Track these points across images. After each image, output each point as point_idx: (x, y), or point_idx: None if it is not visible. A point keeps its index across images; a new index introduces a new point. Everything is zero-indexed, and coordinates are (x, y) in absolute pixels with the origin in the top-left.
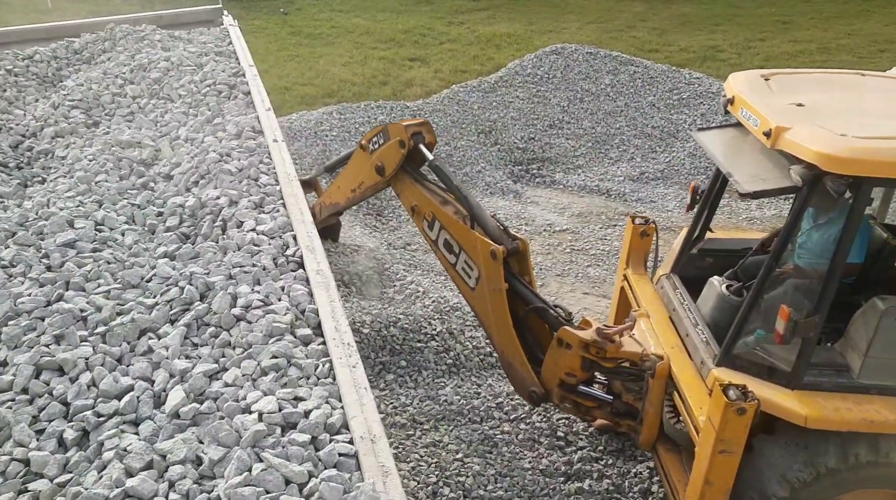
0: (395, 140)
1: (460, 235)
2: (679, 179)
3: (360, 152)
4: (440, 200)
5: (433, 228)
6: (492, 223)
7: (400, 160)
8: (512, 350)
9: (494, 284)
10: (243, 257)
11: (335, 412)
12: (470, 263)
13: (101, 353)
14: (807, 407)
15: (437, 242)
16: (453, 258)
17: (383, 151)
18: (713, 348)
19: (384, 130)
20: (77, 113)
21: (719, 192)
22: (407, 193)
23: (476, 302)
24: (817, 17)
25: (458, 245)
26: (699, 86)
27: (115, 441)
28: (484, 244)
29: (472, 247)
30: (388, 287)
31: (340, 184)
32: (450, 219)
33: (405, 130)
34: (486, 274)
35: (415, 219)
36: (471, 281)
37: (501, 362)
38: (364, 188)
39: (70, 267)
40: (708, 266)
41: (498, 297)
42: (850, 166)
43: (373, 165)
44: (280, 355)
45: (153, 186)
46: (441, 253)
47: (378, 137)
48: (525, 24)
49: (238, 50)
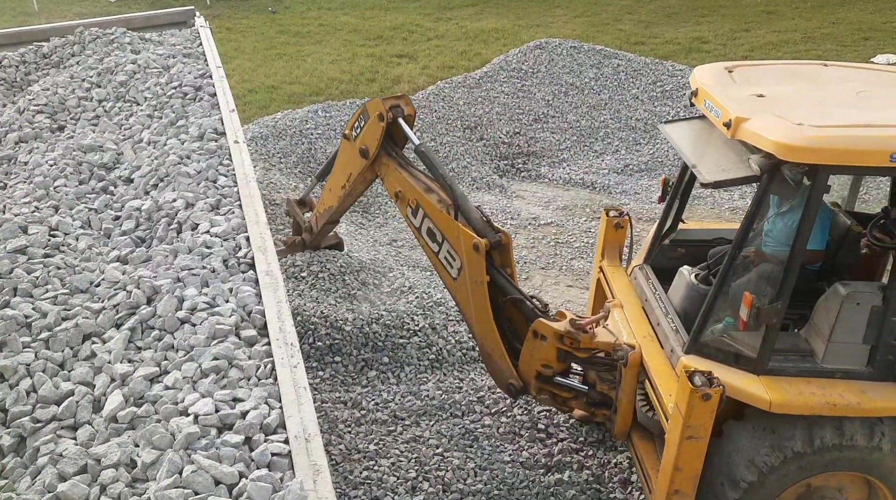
0: (374, 116)
1: (443, 225)
2: (663, 170)
3: (345, 143)
4: (424, 187)
5: (417, 216)
6: (476, 215)
7: (381, 135)
8: (492, 342)
9: (476, 276)
10: (193, 260)
11: (273, 413)
12: (452, 253)
13: (42, 359)
14: (771, 392)
15: (421, 229)
16: (436, 247)
17: (365, 131)
18: (682, 337)
19: (364, 111)
20: (42, 118)
21: (689, 183)
22: (391, 178)
23: (457, 292)
24: (802, 7)
25: (441, 234)
26: (682, 78)
27: (50, 447)
28: (467, 236)
29: (454, 238)
30: (373, 284)
31: (331, 185)
32: (433, 208)
33: (382, 103)
34: (468, 266)
35: (398, 205)
36: (453, 271)
37: (481, 354)
38: (353, 181)
39: (19, 273)
40: (680, 256)
41: (479, 289)
42: (806, 155)
43: (357, 150)
44: (221, 356)
45: (113, 189)
46: (424, 241)
47: (359, 121)
48: (513, 20)
49: (207, 51)
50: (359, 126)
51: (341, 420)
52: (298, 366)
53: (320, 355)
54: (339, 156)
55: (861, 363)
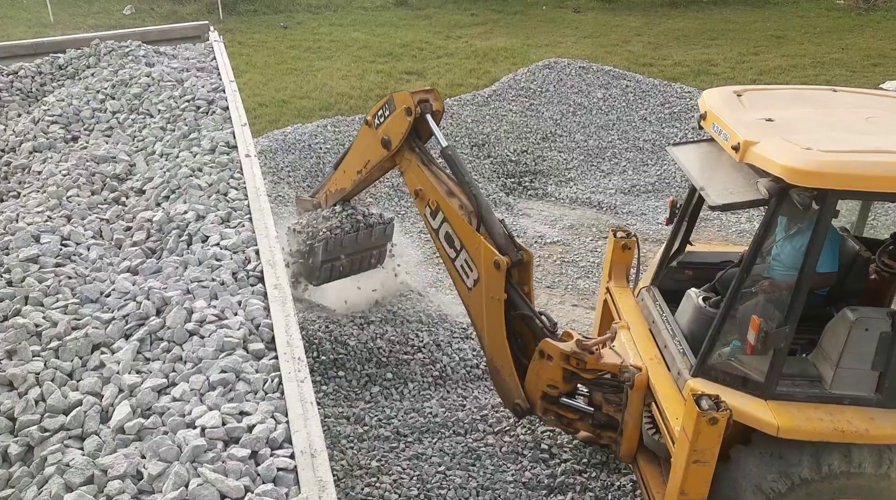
0: (400, 108)
1: (464, 235)
2: (670, 191)
3: (365, 129)
4: (446, 190)
5: (435, 218)
6: (499, 230)
7: (407, 129)
8: (502, 359)
9: (494, 293)
10: (202, 272)
11: (279, 427)
12: (470, 263)
13: (52, 368)
14: (779, 417)
15: (438, 232)
16: (453, 253)
17: (389, 122)
18: (689, 360)
19: (389, 101)
20: (56, 128)
21: (697, 205)
22: (412, 174)
23: (471, 303)
24: (811, 32)
25: (460, 242)
26: (690, 99)
27: (58, 456)
28: (488, 252)
29: (474, 249)
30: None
31: (346, 167)
32: (454, 214)
33: (411, 97)
34: (486, 281)
35: (417, 203)
36: (468, 281)
37: (489, 368)
38: (371, 168)
39: (31, 282)
40: (687, 279)
41: (495, 306)
42: (814, 179)
43: (378, 139)
44: (229, 369)
45: (125, 200)
46: (440, 244)
47: (383, 109)
48: (522, 39)
49: (220, 65)
50: (383, 115)
51: (344, 436)
52: (305, 381)
53: (324, 369)
54: (358, 141)
55: (870, 390)
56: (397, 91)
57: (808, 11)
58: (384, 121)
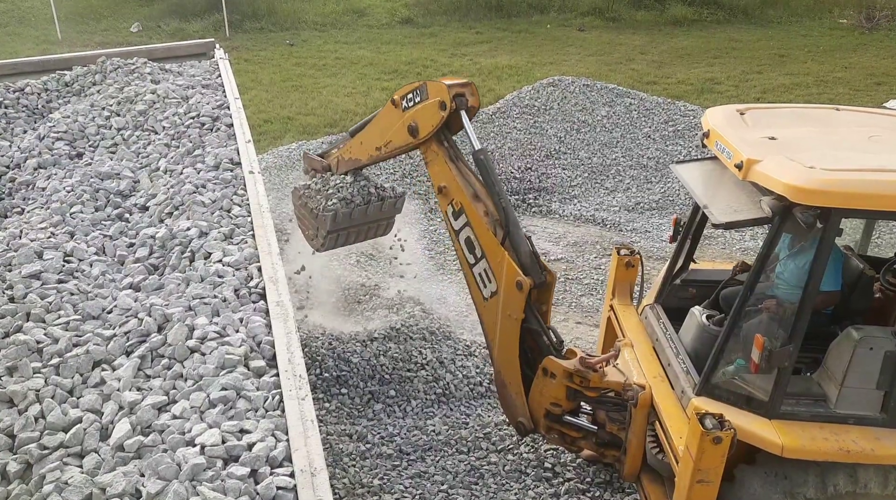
0: (434, 100)
1: (487, 245)
2: (674, 209)
3: (390, 108)
4: (472, 193)
5: (458, 219)
6: (525, 248)
7: (438, 123)
8: (511, 375)
9: (511, 311)
10: (204, 289)
11: (279, 445)
12: (490, 274)
13: (52, 385)
14: (784, 437)
15: (459, 234)
16: (472, 259)
17: (419, 110)
18: (693, 378)
19: (422, 88)
20: (61, 145)
21: (701, 223)
22: (438, 169)
23: (485, 313)
24: (814, 51)
25: (481, 251)
26: (694, 117)
27: (56, 474)
28: (512, 270)
29: (497, 263)
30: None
31: (364, 139)
32: (479, 221)
33: (447, 90)
34: (504, 298)
35: (439, 198)
36: (485, 291)
37: (496, 382)
38: (392, 149)
39: (32, 298)
40: (691, 297)
41: (511, 323)
42: (817, 198)
43: (405, 125)
44: (230, 387)
45: (128, 217)
46: (459, 246)
47: (414, 94)
48: (526, 57)
49: (225, 83)
50: (412, 100)
51: (346, 453)
52: (306, 398)
53: (327, 386)
54: (381, 118)
55: (875, 409)
56: (432, 80)
57: (811, 30)
58: (413, 107)
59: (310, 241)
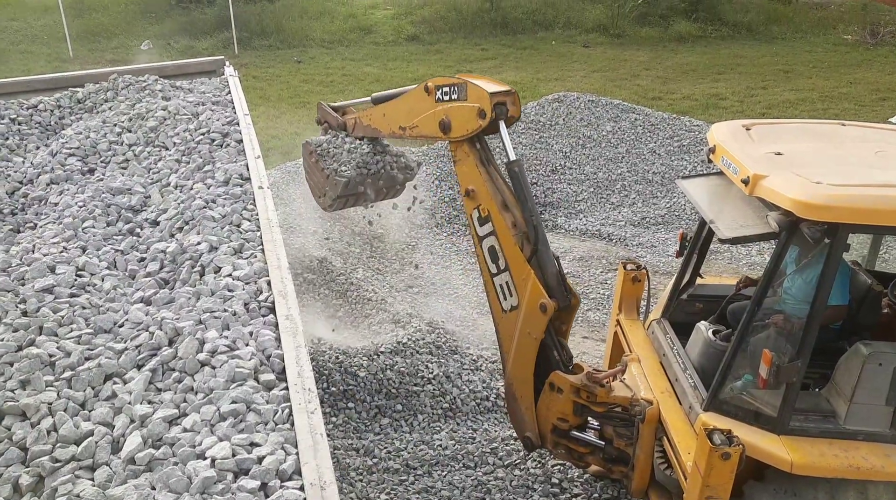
0: (474, 106)
1: (513, 259)
2: (680, 224)
3: (422, 94)
4: (501, 201)
5: (483, 226)
6: (552, 269)
7: (474, 130)
8: (523, 390)
9: (531, 330)
10: (215, 303)
11: (289, 458)
12: (511, 288)
13: (64, 398)
14: (793, 453)
15: (483, 241)
16: (494, 269)
17: (455, 109)
18: (701, 393)
19: (461, 86)
20: (74, 160)
21: (707, 238)
22: (467, 170)
23: (502, 325)
24: (819, 67)
25: (505, 263)
26: (699, 133)
27: (68, 487)
28: (537, 290)
29: (521, 279)
30: (389, 331)
31: (388, 113)
32: (506, 233)
33: (489, 98)
34: (525, 317)
35: (465, 201)
36: (505, 304)
37: (506, 393)
38: (417, 134)
39: (45, 312)
40: (697, 312)
41: (529, 342)
42: (824, 213)
43: (436, 117)
44: (240, 400)
45: (139, 232)
46: (482, 253)
47: (451, 90)
48: (532, 73)
49: (235, 99)
50: (448, 94)
51: (353, 468)
52: (316, 412)
53: (334, 400)
54: (410, 99)
55: (885, 425)
56: (473, 81)
57: (816, 46)
58: (448, 102)
59: (317, 198)
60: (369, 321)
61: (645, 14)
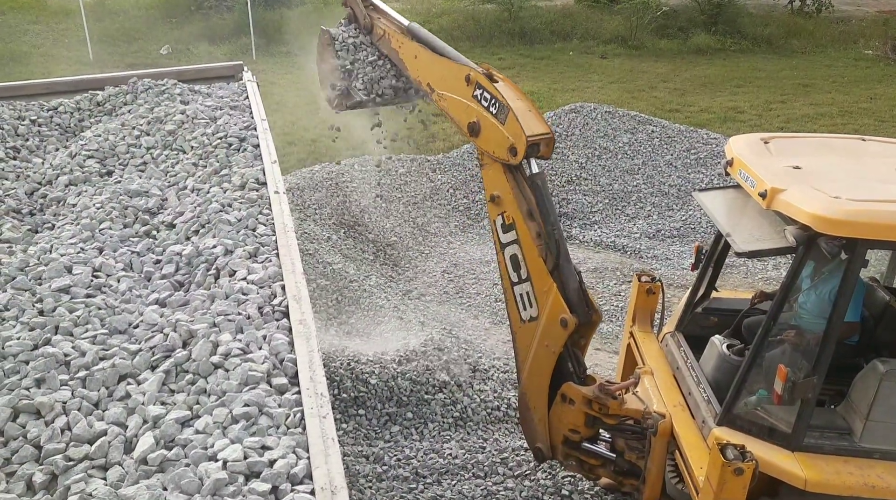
0: (508, 139)
1: (535, 270)
2: (695, 237)
3: (461, 76)
4: (527, 210)
5: (507, 233)
6: (574, 284)
7: (503, 159)
8: (537, 401)
9: (550, 343)
10: (229, 306)
11: (300, 462)
12: (532, 300)
13: (79, 397)
14: (807, 470)
15: (505, 249)
16: (515, 278)
17: (490, 126)
18: (714, 408)
19: (502, 107)
20: (92, 162)
21: (723, 251)
22: (493, 175)
23: (520, 334)
24: (839, 81)
25: (527, 273)
26: (717, 146)
27: (81, 486)
28: (558, 305)
29: (542, 292)
30: (400, 338)
31: (421, 61)
32: (531, 244)
33: (525, 141)
34: (545, 329)
35: (489, 206)
36: (524, 314)
37: (520, 403)
38: (443, 108)
39: (61, 312)
40: (712, 325)
41: (547, 355)
42: (843, 228)
43: (468, 112)
44: (252, 403)
45: (155, 234)
46: (504, 261)
47: (491, 101)
48: (549, 83)
49: (253, 104)
50: (487, 101)
51: (362, 475)
52: (327, 417)
53: (344, 406)
54: (448, 69)
55: None
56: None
57: (836, 61)
58: (484, 109)
59: (323, 90)
60: (381, 329)
61: (664, 26)
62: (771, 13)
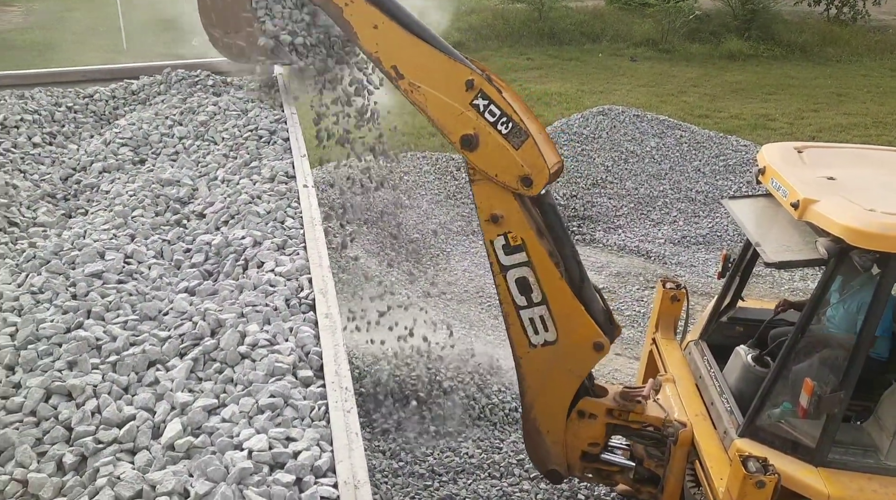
0: (522, 168)
1: (555, 293)
2: (722, 244)
3: (458, 77)
4: (536, 228)
5: (511, 255)
6: (598, 305)
7: (511, 186)
8: (552, 425)
9: (574, 368)
10: (257, 297)
11: (324, 455)
12: (547, 322)
13: (109, 381)
14: (830, 486)
15: (508, 272)
16: (523, 302)
17: (497, 147)
18: (737, 419)
19: (519, 132)
20: (126, 150)
21: (751, 261)
22: (490, 192)
23: (528, 360)
24: (874, 91)
25: (541, 296)
26: (746, 153)
27: (109, 468)
28: (589, 329)
29: (564, 315)
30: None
31: (385, 34)
32: (548, 267)
33: (549, 173)
34: (569, 353)
35: (486, 227)
36: (535, 338)
37: (527, 428)
38: (414, 101)
39: (94, 297)
40: (737, 335)
41: (570, 380)
42: (876, 241)
43: (462, 124)
44: (278, 394)
45: (186, 223)
46: (505, 284)
47: (500, 116)
48: (577, 84)
49: (283, 98)
50: (493, 115)
51: (379, 470)
52: (352, 411)
53: (363, 401)
54: (434, 61)
55: None
56: (537, 140)
57: (872, 71)
58: (488, 127)
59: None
60: (401, 326)
61: (696, 30)
62: (806, 20)
